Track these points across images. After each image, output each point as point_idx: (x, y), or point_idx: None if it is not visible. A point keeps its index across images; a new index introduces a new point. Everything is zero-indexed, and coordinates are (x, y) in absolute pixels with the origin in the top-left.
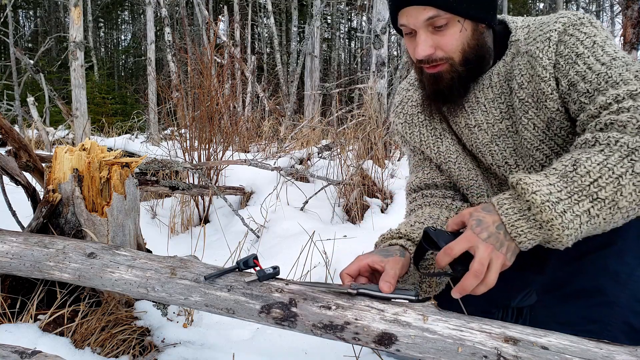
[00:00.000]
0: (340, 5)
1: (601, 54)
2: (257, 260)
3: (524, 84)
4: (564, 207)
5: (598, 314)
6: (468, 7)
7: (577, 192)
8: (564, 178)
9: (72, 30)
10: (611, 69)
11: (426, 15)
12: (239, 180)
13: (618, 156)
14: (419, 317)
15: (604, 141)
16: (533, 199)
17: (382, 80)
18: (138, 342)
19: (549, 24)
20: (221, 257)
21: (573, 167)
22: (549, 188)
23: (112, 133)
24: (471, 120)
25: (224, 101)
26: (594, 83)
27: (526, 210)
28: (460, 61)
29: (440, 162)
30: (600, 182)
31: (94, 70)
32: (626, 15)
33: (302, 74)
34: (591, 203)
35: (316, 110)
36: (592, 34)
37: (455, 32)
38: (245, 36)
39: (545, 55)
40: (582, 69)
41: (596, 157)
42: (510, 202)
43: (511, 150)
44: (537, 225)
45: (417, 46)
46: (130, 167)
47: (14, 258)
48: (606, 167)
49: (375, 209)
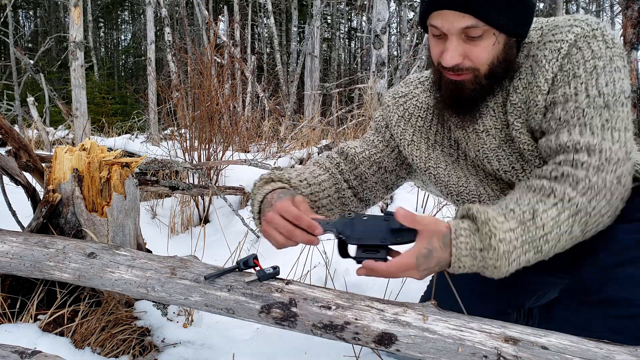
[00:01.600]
0: (340, 5)
1: (593, 84)
2: (257, 260)
3: (519, 89)
4: (515, 256)
5: (626, 325)
6: (508, 22)
7: (528, 242)
8: (522, 226)
9: (72, 30)
10: (590, 106)
11: (464, 24)
12: (239, 180)
13: (567, 214)
14: (419, 317)
15: (559, 195)
16: (497, 246)
17: (382, 80)
18: (138, 342)
19: (561, 30)
20: (221, 257)
21: (531, 216)
22: (509, 235)
23: (112, 133)
24: (479, 126)
25: (224, 101)
26: (569, 114)
27: (478, 250)
28: (486, 74)
29: (428, 167)
30: (548, 237)
31: (94, 70)
32: (626, 15)
33: (302, 74)
34: (534, 254)
35: (316, 110)
36: (598, 54)
37: (489, 45)
38: (245, 36)
39: (550, 68)
40: (570, 92)
41: (551, 211)
42: (466, 235)
43: (517, 155)
44: (481, 265)
45: (446, 52)
46: (130, 167)
47: (14, 258)
48: (557, 224)
49: (375, 209)
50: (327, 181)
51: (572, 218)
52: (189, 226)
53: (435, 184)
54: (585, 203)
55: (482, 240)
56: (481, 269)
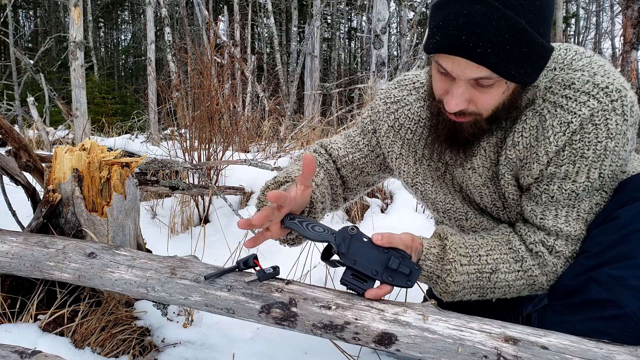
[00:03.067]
0: (340, 5)
1: (597, 167)
2: (257, 260)
3: (518, 145)
4: (460, 295)
5: (611, 326)
6: (524, 73)
7: (477, 287)
8: (479, 274)
9: (72, 30)
10: (585, 190)
11: (477, 75)
12: (239, 180)
13: (522, 283)
14: (419, 317)
15: (525, 267)
16: (450, 283)
17: (382, 80)
18: (138, 342)
19: (577, 98)
20: (221, 257)
21: (491, 271)
22: (464, 278)
23: (112, 133)
24: (467, 163)
25: (224, 101)
26: (563, 195)
27: (436, 277)
28: (488, 118)
29: (415, 182)
30: (495, 291)
31: (94, 70)
32: (626, 15)
33: (302, 74)
34: (479, 297)
35: (316, 110)
36: (613, 132)
37: (498, 93)
38: (245, 36)
39: (554, 141)
40: (572, 171)
41: (510, 275)
42: (432, 261)
43: (500, 194)
44: (434, 285)
45: (451, 97)
46: (130, 167)
47: (14, 258)
48: (508, 286)
49: (375, 209)
50: (324, 178)
51: (525, 286)
52: (189, 226)
53: (423, 199)
54: (543, 282)
55: (442, 271)
56: (433, 287)
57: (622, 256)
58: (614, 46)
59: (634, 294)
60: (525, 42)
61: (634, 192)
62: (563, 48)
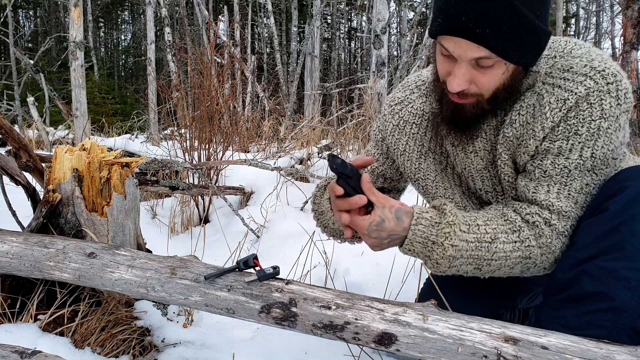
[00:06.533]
0: (340, 5)
1: (590, 146)
2: (257, 260)
3: (515, 123)
4: (457, 263)
5: (604, 319)
6: (522, 54)
7: (474, 258)
8: (478, 244)
9: (72, 30)
10: (577, 168)
11: (477, 55)
12: (239, 180)
13: (518, 255)
14: (419, 317)
15: (522, 237)
16: (448, 247)
17: (382, 80)
18: (138, 342)
19: (574, 79)
20: (221, 257)
21: (490, 240)
22: (463, 244)
23: (112, 133)
24: (469, 146)
25: (224, 101)
26: (555, 170)
27: (431, 242)
28: (489, 99)
29: (417, 178)
30: (492, 263)
31: (94, 70)
32: (626, 15)
33: (302, 74)
34: (474, 269)
35: (316, 110)
36: (607, 113)
37: (498, 74)
38: (245, 36)
39: (551, 117)
40: (565, 148)
41: (508, 245)
42: (425, 225)
43: (500, 179)
44: (427, 255)
45: (453, 78)
46: (130, 167)
47: (14, 258)
48: (505, 257)
49: None
50: None
51: (520, 259)
52: (189, 226)
53: (424, 194)
54: (538, 255)
55: (438, 235)
56: (426, 259)
57: (612, 247)
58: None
59: (625, 285)
60: (522, 24)
61: (623, 181)
62: (564, 40)
